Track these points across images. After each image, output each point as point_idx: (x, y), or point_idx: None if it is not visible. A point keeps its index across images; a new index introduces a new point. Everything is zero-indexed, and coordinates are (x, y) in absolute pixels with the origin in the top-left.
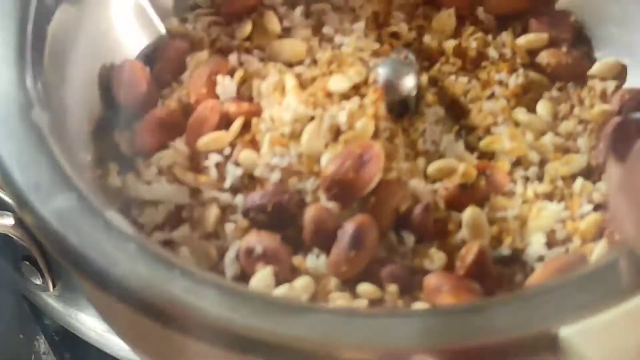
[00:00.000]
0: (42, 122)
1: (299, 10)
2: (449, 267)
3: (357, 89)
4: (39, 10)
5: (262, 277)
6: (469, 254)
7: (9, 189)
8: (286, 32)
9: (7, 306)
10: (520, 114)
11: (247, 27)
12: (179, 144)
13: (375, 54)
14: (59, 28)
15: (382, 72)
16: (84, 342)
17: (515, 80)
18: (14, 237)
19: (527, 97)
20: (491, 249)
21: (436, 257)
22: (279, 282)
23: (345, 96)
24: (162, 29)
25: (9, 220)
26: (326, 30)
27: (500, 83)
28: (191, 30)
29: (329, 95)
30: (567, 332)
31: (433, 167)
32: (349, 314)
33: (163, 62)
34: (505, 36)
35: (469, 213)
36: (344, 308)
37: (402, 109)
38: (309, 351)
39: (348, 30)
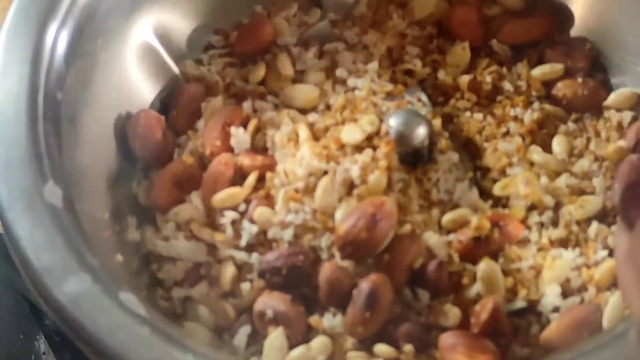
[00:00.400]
0: (56, 198)
1: (311, 52)
2: (464, 322)
3: (369, 140)
4: (49, 78)
5: (274, 339)
6: (483, 312)
7: (25, 271)
8: (300, 75)
9: (7, 306)
10: (535, 153)
11: (260, 71)
12: (195, 199)
13: (389, 94)
14: (72, 90)
15: (393, 124)
16: None
17: (530, 116)
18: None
19: (542, 132)
20: (506, 302)
21: (451, 313)
22: (292, 343)
23: (358, 147)
24: (177, 72)
25: None
26: (339, 72)
27: (516, 119)
28: (206, 72)
29: (342, 146)
30: None
31: (447, 219)
32: None
33: (178, 109)
34: (521, 67)
35: (483, 267)
36: None
37: (415, 159)
38: None
39: (362, 71)
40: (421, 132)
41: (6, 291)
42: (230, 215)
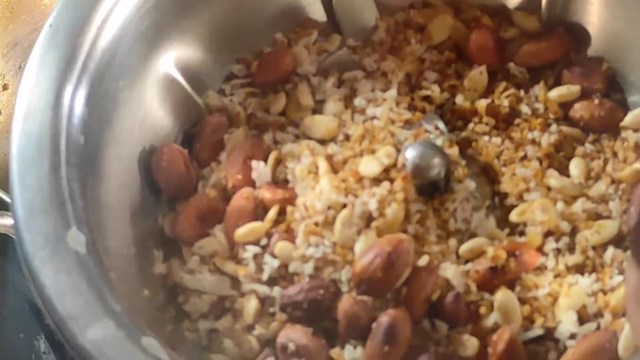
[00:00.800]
0: (80, 244)
1: (330, 82)
2: (482, 351)
3: (387, 172)
4: (71, 122)
5: None
6: (500, 342)
7: (50, 317)
8: (319, 104)
9: (7, 306)
10: (553, 178)
11: (281, 101)
12: (218, 232)
13: (407, 122)
14: (94, 132)
15: (410, 157)
16: None
17: (547, 139)
18: (14, 237)
19: (559, 155)
20: (523, 330)
21: (469, 343)
22: None
23: (376, 180)
24: (200, 103)
25: (9, 220)
26: (358, 102)
27: (533, 142)
28: (228, 103)
29: (360, 179)
30: None
31: (464, 248)
32: None
33: (201, 141)
34: (538, 89)
35: (500, 297)
36: None
37: (432, 189)
38: None
39: (380, 99)
40: (437, 164)
41: (6, 291)
42: (252, 249)
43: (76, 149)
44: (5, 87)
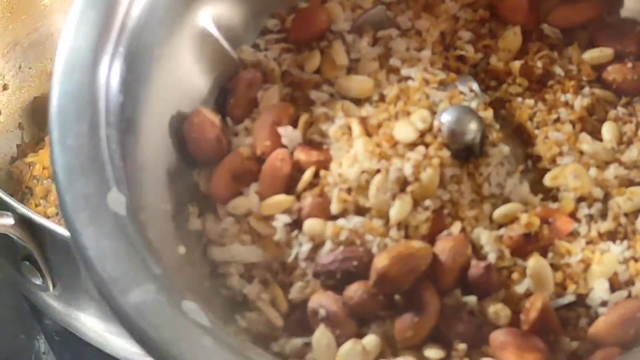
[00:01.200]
0: (120, 206)
1: (365, 40)
2: (514, 318)
3: (422, 136)
4: (110, 82)
5: (322, 336)
6: (532, 310)
7: (92, 279)
8: (354, 63)
9: (7, 306)
10: (585, 143)
11: (315, 60)
12: (253, 193)
13: (442, 83)
14: (131, 90)
15: (445, 121)
16: (84, 342)
17: (580, 102)
18: (14, 237)
19: (592, 118)
20: (555, 297)
21: (502, 313)
22: (340, 342)
23: (411, 145)
24: (235, 57)
25: (9, 220)
26: (393, 61)
27: (566, 104)
28: (263, 58)
29: (395, 144)
30: None
31: (498, 213)
32: None
33: (236, 97)
34: (571, 51)
35: (533, 263)
36: None
37: (466, 154)
38: None
39: (415, 59)
40: (473, 128)
41: (6, 291)
42: (282, 218)
43: (115, 109)
44: (5, 87)
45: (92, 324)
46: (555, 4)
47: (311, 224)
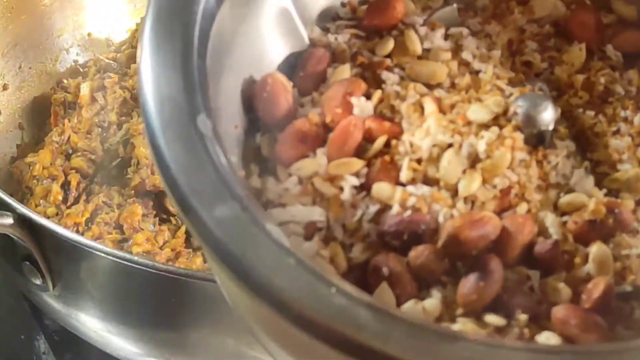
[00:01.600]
0: (207, 129)
1: (439, 33)
2: (574, 299)
3: (495, 119)
4: (204, 13)
5: (383, 292)
6: (595, 289)
7: (173, 193)
8: (426, 53)
9: (7, 306)
10: None
11: (389, 44)
12: (321, 154)
13: (511, 82)
14: (219, 32)
15: (522, 105)
16: (84, 342)
17: (639, 119)
18: (14, 237)
19: None
20: (614, 285)
21: (564, 292)
22: (400, 302)
23: (484, 126)
24: (306, 38)
25: (9, 220)
26: (465, 55)
27: (626, 120)
28: (333, 41)
29: (468, 123)
30: None
31: (565, 200)
32: (494, 345)
33: (305, 70)
34: (632, 74)
35: (597, 249)
36: (491, 339)
37: (537, 141)
38: None
39: (485, 57)
40: (549, 115)
41: (6, 291)
42: (350, 180)
43: (205, 42)
44: (5, 87)
45: (92, 324)
46: (620, 30)
47: (380, 187)
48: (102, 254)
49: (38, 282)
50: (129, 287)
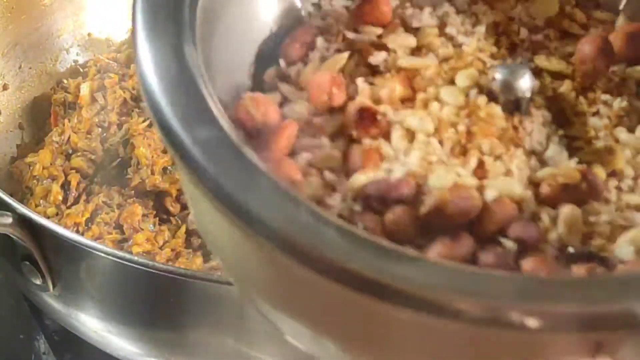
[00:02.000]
0: (195, 60)
1: (427, 12)
2: None
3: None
4: None
5: None
6: None
7: (156, 117)
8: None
9: (7, 306)
10: (622, 133)
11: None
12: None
13: (493, 57)
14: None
15: (500, 72)
16: (84, 342)
17: (619, 104)
18: (14, 237)
19: (628, 119)
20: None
21: None
22: None
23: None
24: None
25: (9, 220)
26: (448, 29)
27: (605, 103)
28: (323, 14)
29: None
30: None
31: (540, 175)
32: (453, 268)
33: (291, 37)
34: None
35: (566, 210)
36: (451, 262)
37: (514, 108)
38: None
39: (469, 32)
40: (526, 83)
41: (6, 291)
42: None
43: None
44: (5, 87)
45: (92, 324)
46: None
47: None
48: (102, 254)
49: (38, 282)
50: (129, 287)
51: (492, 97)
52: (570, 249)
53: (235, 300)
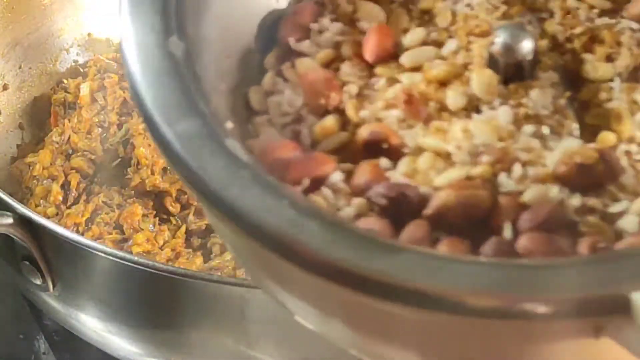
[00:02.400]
0: (178, 50)
1: None
2: None
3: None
4: None
5: None
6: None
7: (139, 109)
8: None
9: (7, 306)
10: (638, 93)
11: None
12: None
13: (502, 17)
14: None
15: (500, 35)
16: (84, 342)
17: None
18: (14, 237)
19: None
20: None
21: None
22: None
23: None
24: None
25: (9, 220)
26: None
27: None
28: None
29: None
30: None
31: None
32: (436, 256)
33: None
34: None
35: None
36: (433, 251)
37: (515, 71)
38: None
39: None
40: (527, 45)
41: (6, 291)
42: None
43: None
44: (5, 87)
45: (92, 324)
46: None
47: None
48: (102, 254)
49: (38, 282)
50: (129, 287)
51: (493, 61)
52: None
53: (235, 300)
